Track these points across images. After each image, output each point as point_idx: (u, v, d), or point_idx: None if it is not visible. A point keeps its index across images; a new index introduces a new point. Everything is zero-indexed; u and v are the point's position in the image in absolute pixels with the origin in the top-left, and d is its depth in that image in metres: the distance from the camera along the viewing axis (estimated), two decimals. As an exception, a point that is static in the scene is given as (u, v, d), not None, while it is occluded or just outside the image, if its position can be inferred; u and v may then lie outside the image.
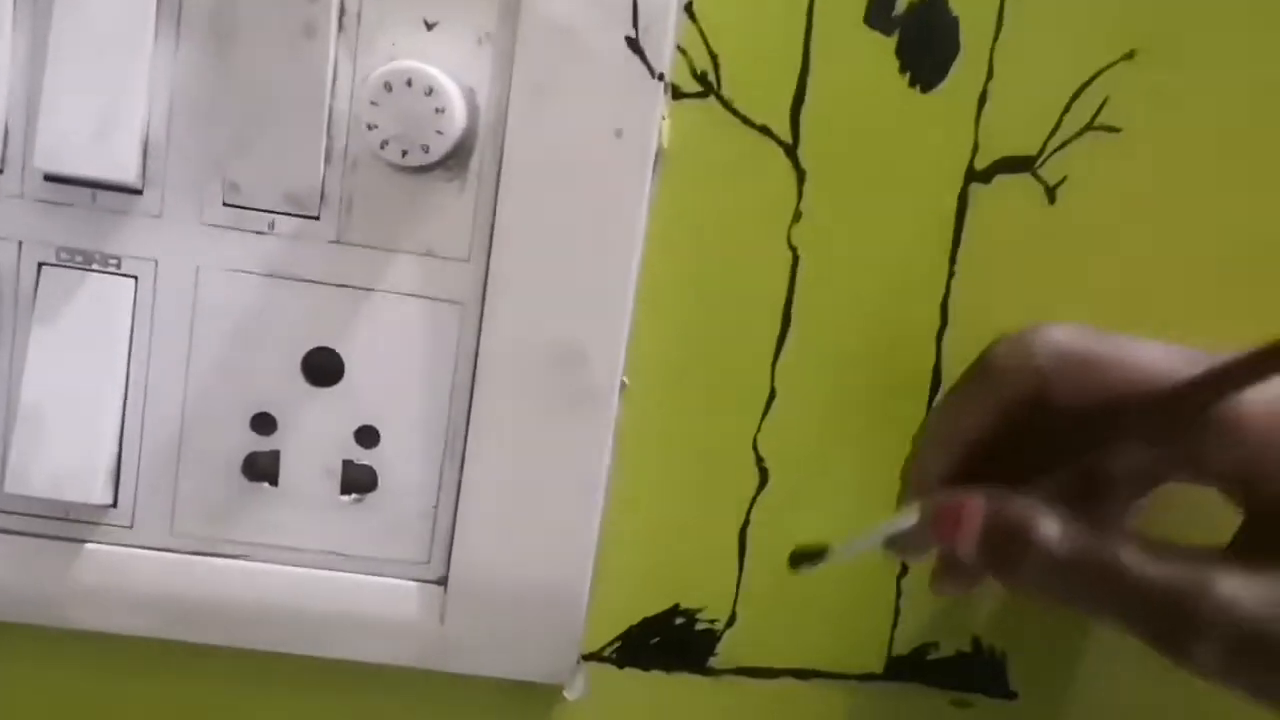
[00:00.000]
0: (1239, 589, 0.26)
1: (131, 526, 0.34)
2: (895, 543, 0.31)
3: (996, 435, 0.30)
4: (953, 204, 0.35)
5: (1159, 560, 0.27)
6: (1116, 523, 0.32)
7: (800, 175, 0.34)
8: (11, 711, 0.36)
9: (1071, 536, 0.28)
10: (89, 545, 0.34)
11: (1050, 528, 0.28)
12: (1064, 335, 0.30)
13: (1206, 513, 0.30)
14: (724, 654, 0.37)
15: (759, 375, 0.35)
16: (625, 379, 0.35)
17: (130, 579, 0.34)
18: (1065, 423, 0.29)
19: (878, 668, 0.37)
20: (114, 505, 0.34)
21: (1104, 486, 0.32)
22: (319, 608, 0.34)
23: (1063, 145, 0.34)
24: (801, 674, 0.37)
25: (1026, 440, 0.30)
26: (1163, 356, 0.29)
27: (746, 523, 0.36)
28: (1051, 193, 0.35)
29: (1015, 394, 0.30)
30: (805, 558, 0.31)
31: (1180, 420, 0.28)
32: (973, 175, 0.34)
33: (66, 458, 0.32)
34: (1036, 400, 0.29)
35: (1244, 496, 0.29)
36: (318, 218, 0.32)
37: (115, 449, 0.33)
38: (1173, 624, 0.27)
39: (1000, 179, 0.35)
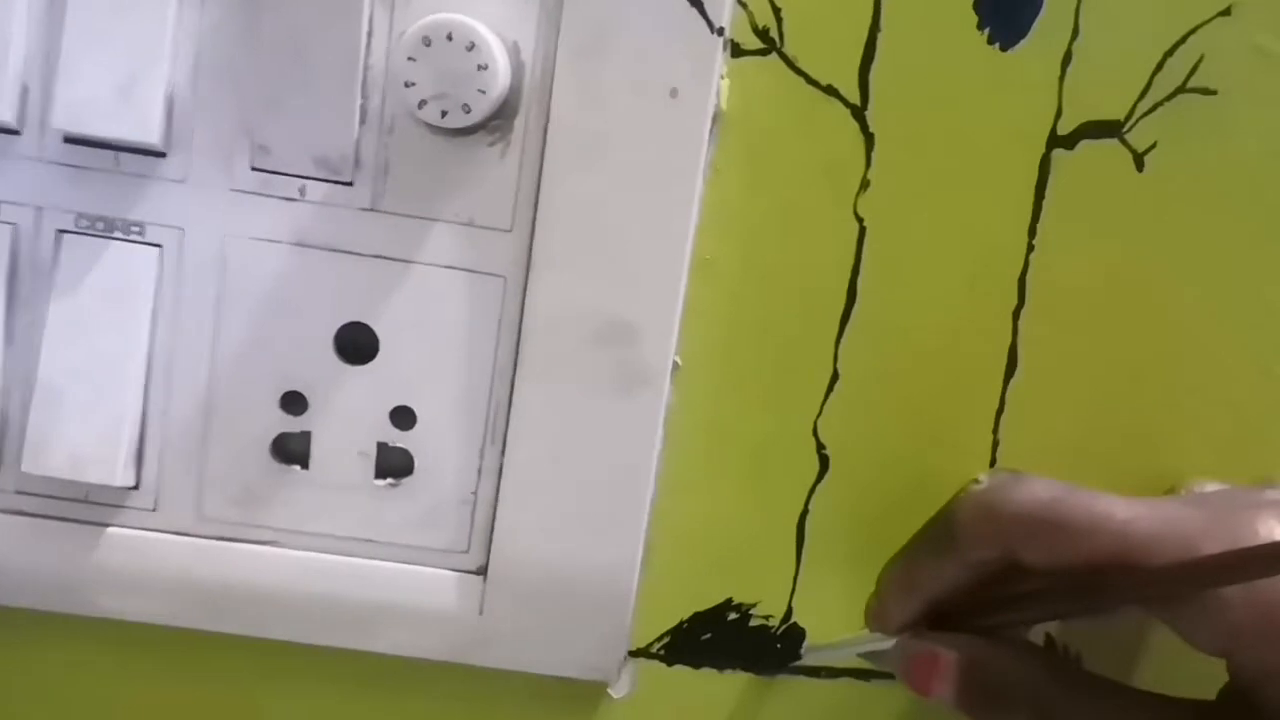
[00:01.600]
0: None
1: (155, 509, 0.32)
2: (871, 658, 0.32)
3: (963, 589, 0.30)
4: (1033, 172, 0.32)
5: (1144, 706, 0.28)
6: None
7: (869, 140, 0.32)
8: (32, 700, 0.34)
9: (1050, 690, 0.28)
10: (110, 529, 0.32)
11: (1028, 681, 0.28)
12: (1030, 500, 0.28)
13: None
14: (780, 652, 0.35)
15: (821, 356, 0.33)
16: (677, 359, 0.32)
17: (154, 564, 0.32)
18: (1036, 585, 0.29)
19: (944, 669, 0.35)
20: (136, 487, 0.32)
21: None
22: (351, 597, 0.33)
23: (1153, 109, 0.32)
24: (862, 675, 0.35)
25: (997, 597, 0.30)
26: (1140, 522, 0.27)
27: (805, 513, 0.34)
28: (1140, 160, 0.32)
29: (980, 558, 0.29)
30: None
31: (1164, 598, 0.27)
32: (1055, 141, 0.32)
33: (86, 437, 0.31)
34: (1005, 562, 0.29)
35: (1227, 666, 0.28)
36: (351, 183, 0.30)
37: (138, 428, 0.31)
38: None
39: (1085, 145, 0.32)
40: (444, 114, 0.29)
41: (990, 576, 0.30)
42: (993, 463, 0.34)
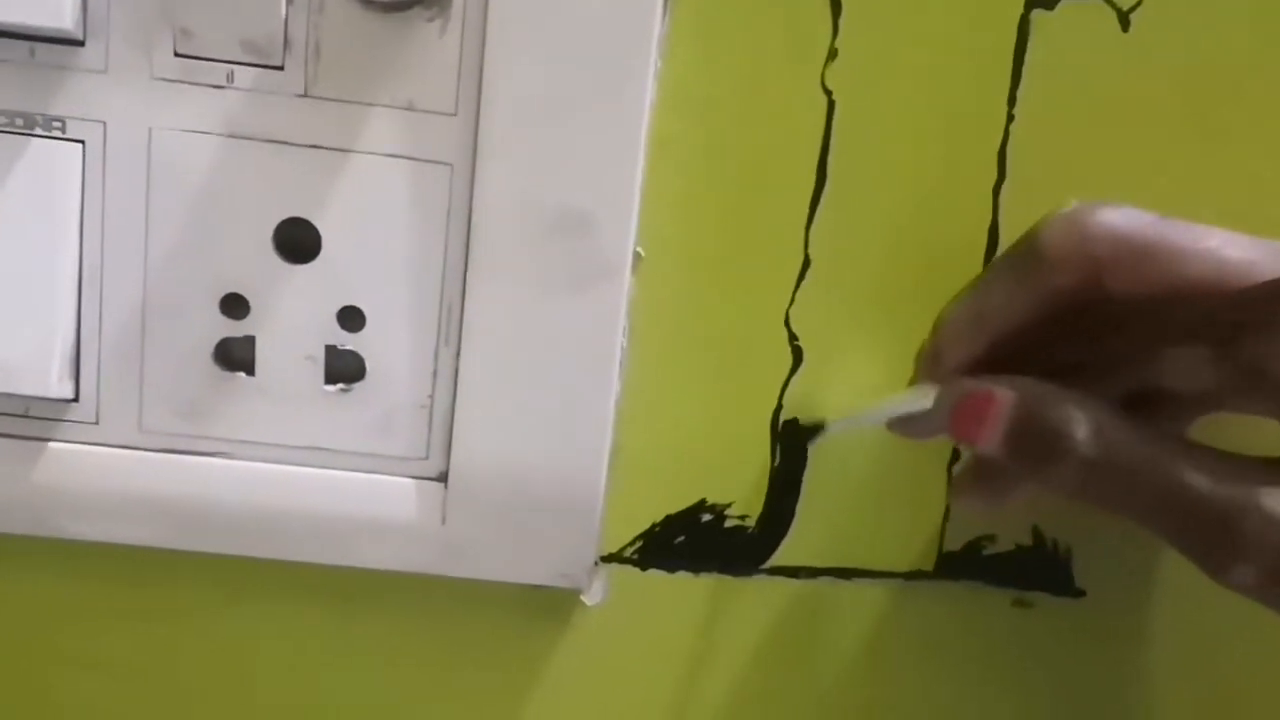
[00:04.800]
0: None
1: (97, 423, 0.31)
2: (902, 426, 0.29)
3: (1034, 326, 0.27)
4: (1012, 35, 0.30)
5: (1203, 471, 0.25)
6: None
7: (836, 6, 0.30)
8: (-14, 626, 0.33)
9: (1110, 439, 0.25)
10: (51, 444, 0.31)
11: (1087, 427, 0.25)
12: (1124, 219, 0.26)
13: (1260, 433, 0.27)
14: (756, 553, 0.33)
15: (790, 241, 0.31)
16: (639, 249, 0.31)
17: (98, 480, 0.31)
18: (1115, 320, 0.26)
19: (928, 565, 0.34)
20: (76, 400, 0.30)
21: (1149, 402, 0.29)
22: (306, 509, 0.31)
23: (1140, -37, 0.30)
24: (843, 573, 0.34)
25: (1067, 336, 0.27)
26: (1237, 246, 0.25)
27: (778, 408, 0.32)
28: (1125, 19, 0.30)
29: (1064, 282, 0.26)
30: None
31: (1251, 325, 0.25)
32: (1034, 0, 0.30)
33: (17, 346, 0.29)
34: (1087, 291, 0.26)
35: None
36: (281, 67, 0.28)
37: (72, 336, 0.30)
38: (1212, 540, 0.25)
39: (1066, 4, 0.30)
40: (374, -15, 0.27)
41: (1066, 315, 0.27)
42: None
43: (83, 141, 0.29)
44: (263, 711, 0.34)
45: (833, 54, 0.30)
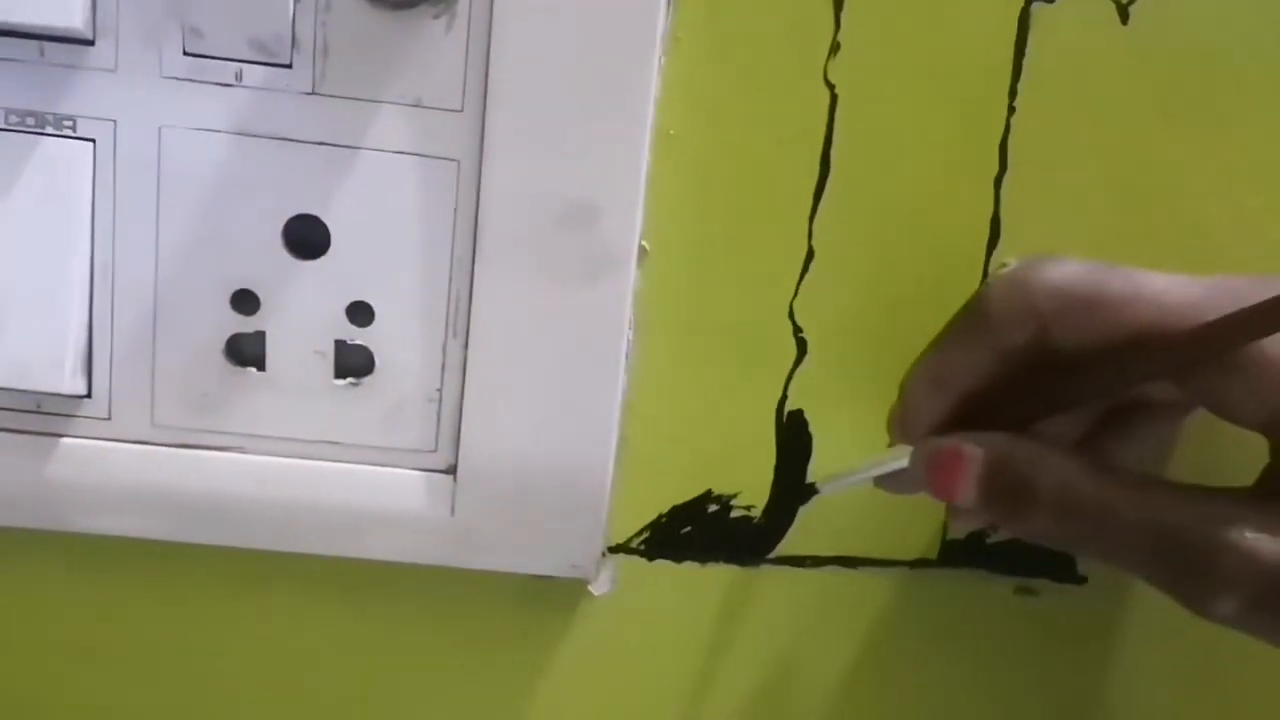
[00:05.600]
0: (1262, 541, 0.24)
1: (109, 418, 0.31)
2: (889, 484, 0.30)
3: (993, 383, 0.28)
4: (1012, 28, 0.30)
5: (1175, 509, 0.25)
6: (1136, 453, 0.30)
7: (838, 1, 0.30)
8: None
9: (1079, 486, 0.26)
10: (65, 440, 0.31)
11: (1055, 476, 0.26)
12: (1064, 275, 0.27)
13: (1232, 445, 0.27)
14: (762, 543, 0.34)
15: (794, 233, 0.32)
16: (644, 243, 0.31)
17: (110, 475, 0.31)
18: (1068, 368, 0.27)
19: (931, 553, 0.34)
20: (88, 395, 0.31)
21: (1120, 420, 0.30)
22: (318, 502, 0.32)
23: (1139, -45, 0.30)
24: (848, 562, 0.34)
25: (1026, 387, 0.28)
26: (1177, 289, 0.26)
27: (783, 399, 0.33)
28: (1125, 11, 0.30)
29: (1013, 340, 0.27)
30: None
31: (1201, 361, 0.25)
32: (1035, -7, 0.30)
33: (31, 344, 0.29)
34: (1037, 345, 0.27)
35: (1270, 440, 0.26)
36: (290, 65, 0.29)
37: (85, 333, 0.30)
38: (1191, 576, 0.25)
39: (1067, -3, 0.30)
40: (380, -16, 0.27)
41: (1020, 370, 0.28)
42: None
43: (93, 140, 0.29)
44: (276, 701, 0.34)
45: (835, 48, 0.30)
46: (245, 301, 0.30)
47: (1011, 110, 0.31)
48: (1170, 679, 0.35)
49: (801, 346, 0.32)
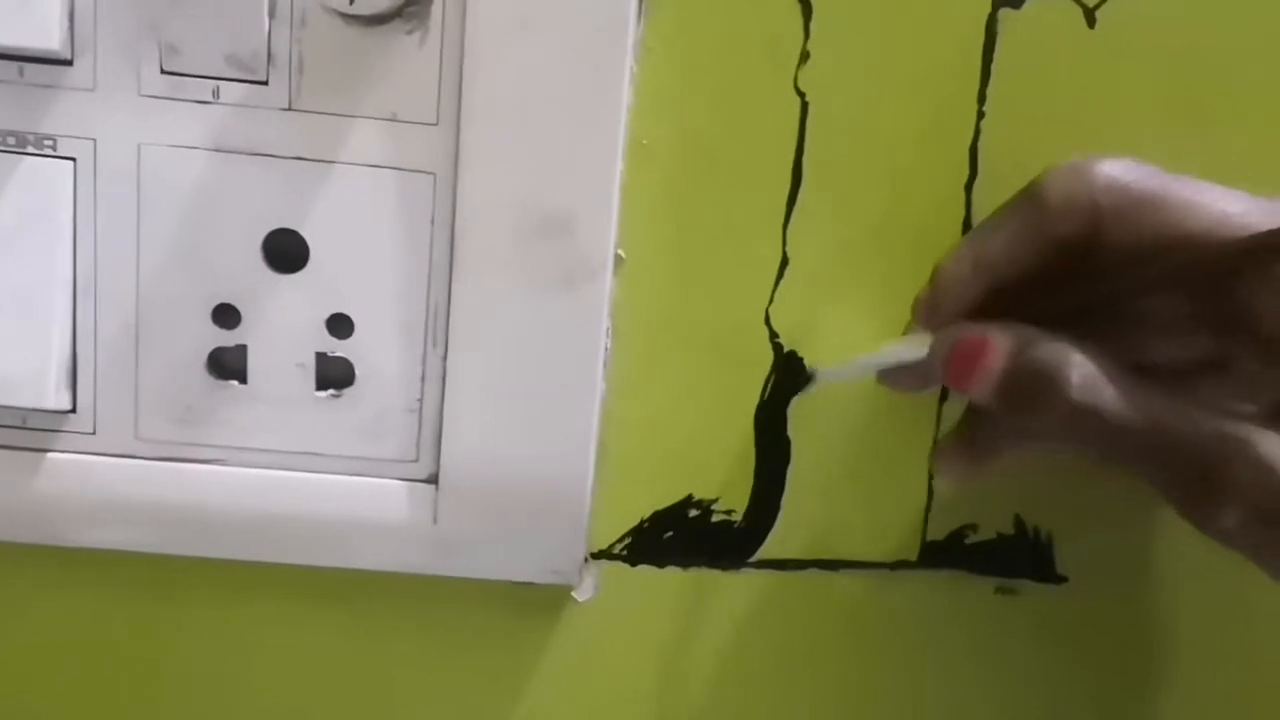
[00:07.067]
0: (1276, 455, 0.24)
1: (94, 433, 0.31)
2: (894, 376, 0.29)
3: (1032, 272, 0.27)
4: (980, 33, 0.31)
5: (1191, 415, 0.25)
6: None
7: (807, 9, 0.30)
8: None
9: (1101, 383, 0.25)
10: (50, 454, 0.31)
11: (1079, 371, 0.26)
12: (1127, 170, 0.27)
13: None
14: (743, 546, 0.34)
15: (769, 240, 0.32)
16: (620, 252, 0.31)
17: (95, 489, 0.31)
18: (1110, 266, 0.27)
19: (912, 555, 0.34)
20: (73, 410, 0.31)
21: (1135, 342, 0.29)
22: (301, 513, 0.32)
23: (1104, -39, 0.30)
24: (829, 564, 0.34)
25: (1062, 282, 0.27)
26: (1237, 201, 0.26)
27: (761, 404, 0.33)
28: (1091, 15, 0.31)
29: (1065, 230, 0.27)
30: None
31: (1246, 266, 0.25)
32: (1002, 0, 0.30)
33: (15, 360, 0.30)
34: (1085, 241, 0.26)
35: None
36: (266, 82, 0.29)
37: (68, 350, 0.30)
38: (1202, 483, 0.25)
39: (1033, 3, 0.31)
40: (352, 0, 0.28)
41: (1064, 264, 0.27)
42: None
43: (74, 159, 0.29)
44: (260, 712, 0.35)
45: (805, 56, 0.31)
46: (226, 315, 0.31)
47: (981, 115, 0.31)
48: (1151, 677, 0.35)
49: (778, 352, 0.33)
